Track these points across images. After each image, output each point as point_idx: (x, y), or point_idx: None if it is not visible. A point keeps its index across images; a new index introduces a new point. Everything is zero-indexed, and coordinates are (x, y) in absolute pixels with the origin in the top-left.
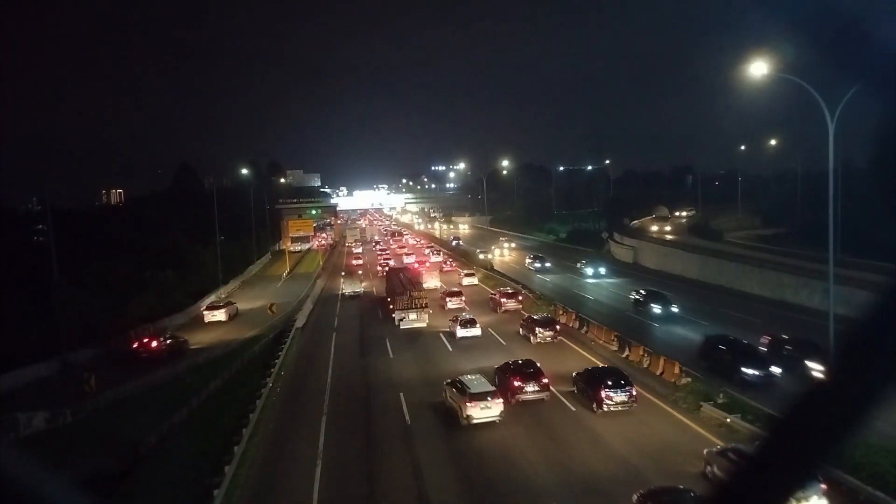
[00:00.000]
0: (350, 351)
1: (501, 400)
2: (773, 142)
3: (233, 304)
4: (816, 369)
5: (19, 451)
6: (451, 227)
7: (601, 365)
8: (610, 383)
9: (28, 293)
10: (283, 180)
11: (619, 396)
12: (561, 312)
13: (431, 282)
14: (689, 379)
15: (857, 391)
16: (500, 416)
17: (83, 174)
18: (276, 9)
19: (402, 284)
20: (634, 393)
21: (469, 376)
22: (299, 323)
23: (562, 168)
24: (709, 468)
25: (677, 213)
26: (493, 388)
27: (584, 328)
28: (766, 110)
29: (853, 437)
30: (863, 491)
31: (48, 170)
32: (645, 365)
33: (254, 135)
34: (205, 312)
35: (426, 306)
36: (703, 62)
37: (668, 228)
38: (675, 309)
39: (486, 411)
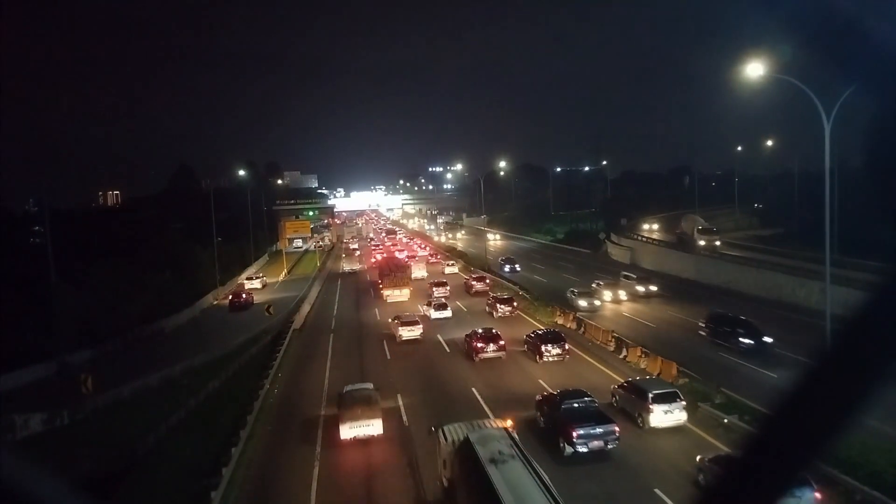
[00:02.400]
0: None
1: (422, 326)
2: (770, 142)
3: (262, 276)
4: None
5: (16, 453)
6: (456, 234)
7: (545, 329)
8: (549, 340)
9: (25, 294)
10: (280, 181)
11: (555, 350)
12: (559, 314)
13: (419, 272)
14: (687, 379)
15: (849, 388)
16: (420, 335)
17: (80, 175)
18: (274, 10)
19: (389, 269)
20: (567, 348)
21: (406, 313)
22: (305, 309)
23: (559, 169)
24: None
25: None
26: (418, 320)
27: (581, 329)
28: (763, 111)
29: (844, 433)
30: (859, 491)
31: (46, 171)
32: (642, 366)
33: (251, 136)
34: (245, 282)
35: (408, 284)
36: (701, 63)
37: (718, 243)
38: (767, 339)
39: (411, 333)
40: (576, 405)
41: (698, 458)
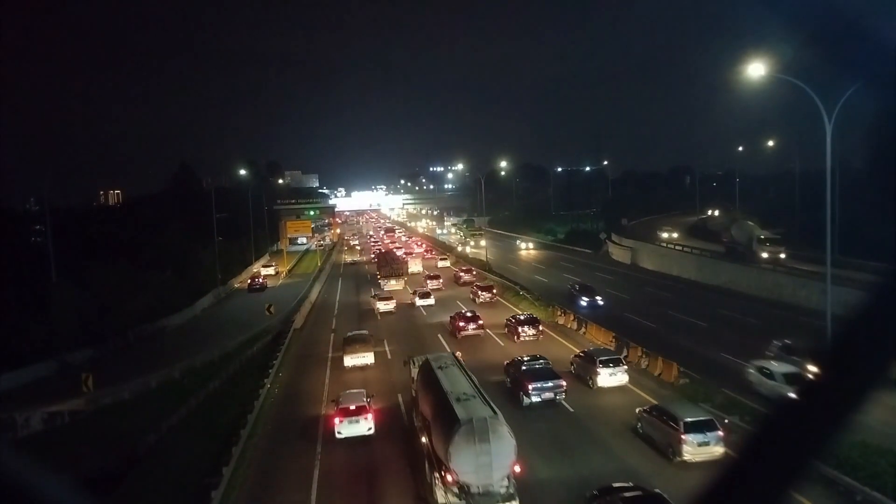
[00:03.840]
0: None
1: (395, 301)
2: (770, 142)
3: (275, 265)
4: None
5: (17, 451)
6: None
7: (524, 314)
8: (526, 323)
9: (26, 293)
10: (281, 181)
11: (531, 331)
12: (560, 314)
13: (415, 267)
14: (687, 380)
15: (848, 389)
16: (394, 308)
17: (82, 174)
18: (275, 10)
19: (386, 261)
20: (541, 329)
21: (384, 292)
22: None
23: (560, 168)
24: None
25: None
26: (392, 296)
27: (582, 329)
28: (765, 111)
29: (843, 434)
30: (860, 491)
31: (47, 170)
32: (643, 366)
33: (252, 135)
34: (261, 269)
35: (403, 275)
36: (702, 63)
37: (783, 256)
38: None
39: (386, 307)
40: (533, 366)
41: (637, 409)
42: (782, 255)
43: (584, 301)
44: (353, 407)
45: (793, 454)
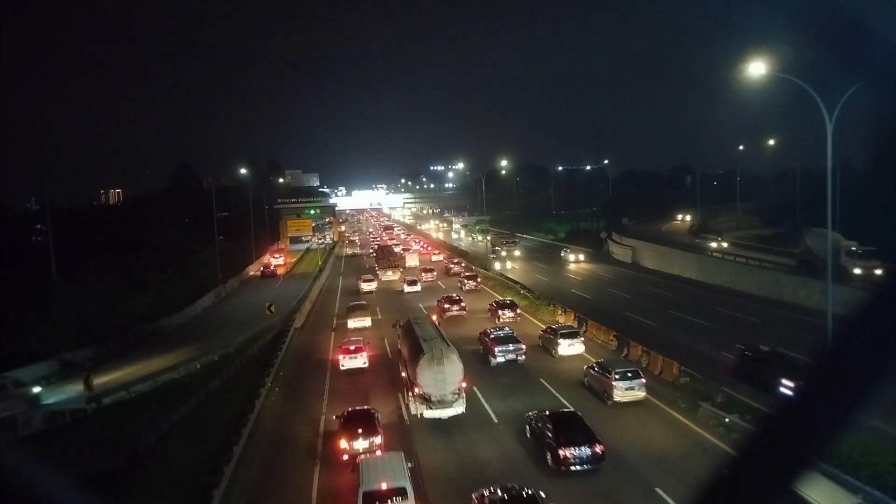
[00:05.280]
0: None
1: (376, 282)
2: (771, 141)
3: (283, 256)
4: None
5: (18, 451)
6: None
7: (504, 299)
8: (506, 307)
9: (27, 292)
10: (281, 180)
11: (509, 313)
12: (561, 312)
13: (412, 261)
14: (688, 378)
15: (848, 388)
16: (375, 289)
17: (82, 174)
18: (275, 8)
19: (384, 255)
20: (518, 311)
21: (368, 275)
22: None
23: (561, 168)
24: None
25: None
26: (374, 278)
27: (583, 327)
28: (765, 110)
29: (845, 433)
30: (862, 491)
31: (47, 169)
32: (644, 364)
33: (253, 134)
34: (271, 259)
35: (398, 267)
36: (703, 62)
37: (879, 272)
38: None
39: (369, 286)
40: (499, 334)
41: (585, 367)
42: (878, 271)
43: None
44: (352, 347)
45: (793, 453)
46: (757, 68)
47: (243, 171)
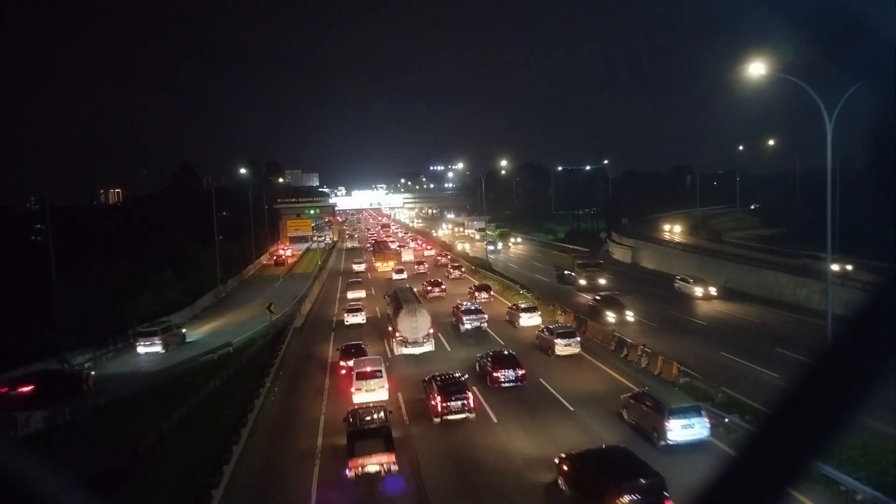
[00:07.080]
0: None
1: (365, 264)
2: (771, 142)
3: (290, 248)
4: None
5: (18, 450)
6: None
7: (482, 283)
8: (481, 289)
9: (27, 292)
10: (281, 180)
11: (484, 294)
12: (560, 313)
13: (407, 256)
14: (688, 378)
15: (848, 388)
16: (364, 269)
17: (82, 173)
18: (276, 10)
19: (379, 249)
20: (492, 293)
21: (359, 259)
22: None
23: (561, 168)
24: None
25: None
26: (364, 261)
27: (583, 328)
28: (765, 111)
29: (845, 433)
30: (861, 491)
31: (47, 169)
32: (643, 365)
33: (253, 134)
34: (280, 250)
35: (393, 259)
36: (703, 63)
37: None
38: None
39: (359, 267)
40: (468, 307)
41: (536, 332)
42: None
43: None
44: (353, 307)
45: (793, 453)
46: (757, 68)
47: (243, 170)
